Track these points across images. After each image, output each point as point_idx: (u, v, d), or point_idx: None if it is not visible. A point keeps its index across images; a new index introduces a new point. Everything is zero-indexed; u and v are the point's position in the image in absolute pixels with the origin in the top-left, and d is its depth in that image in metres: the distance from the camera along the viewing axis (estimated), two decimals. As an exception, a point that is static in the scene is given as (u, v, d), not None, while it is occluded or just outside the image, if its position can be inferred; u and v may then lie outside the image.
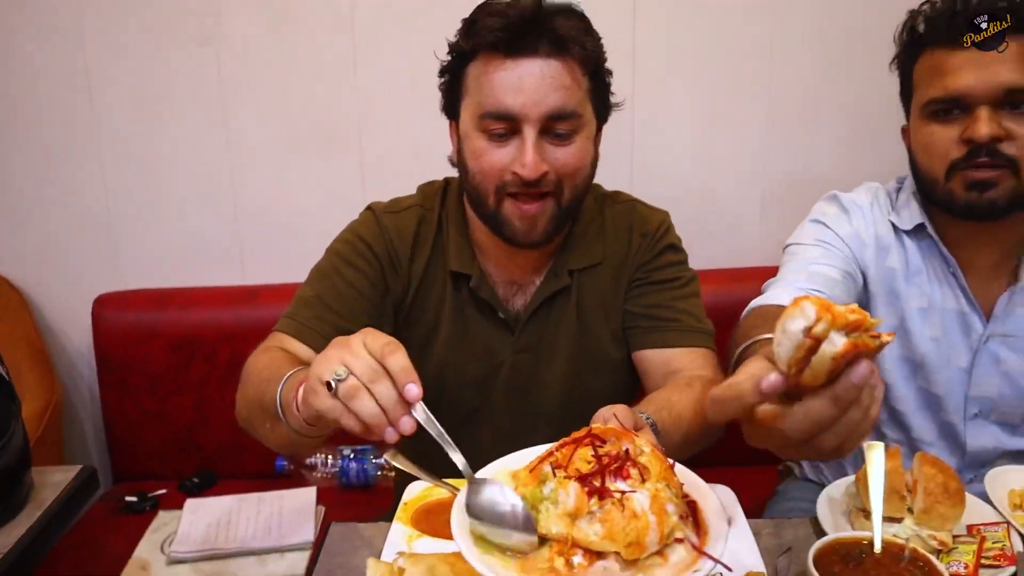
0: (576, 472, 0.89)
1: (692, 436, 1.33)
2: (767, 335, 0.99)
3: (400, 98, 2.10)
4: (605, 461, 0.89)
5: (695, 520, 0.92)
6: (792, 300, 0.77)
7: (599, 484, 0.87)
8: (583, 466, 0.89)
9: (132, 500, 2.06)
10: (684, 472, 0.99)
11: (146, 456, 2.23)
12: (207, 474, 2.19)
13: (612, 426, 0.99)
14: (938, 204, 1.47)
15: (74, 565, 1.86)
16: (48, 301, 2.32)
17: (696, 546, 0.86)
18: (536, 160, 1.35)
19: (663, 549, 0.86)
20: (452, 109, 1.47)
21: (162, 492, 2.12)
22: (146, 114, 2.16)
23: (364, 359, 0.98)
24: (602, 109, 1.48)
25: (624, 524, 0.83)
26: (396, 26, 2.06)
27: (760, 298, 1.46)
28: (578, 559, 0.85)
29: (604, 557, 0.85)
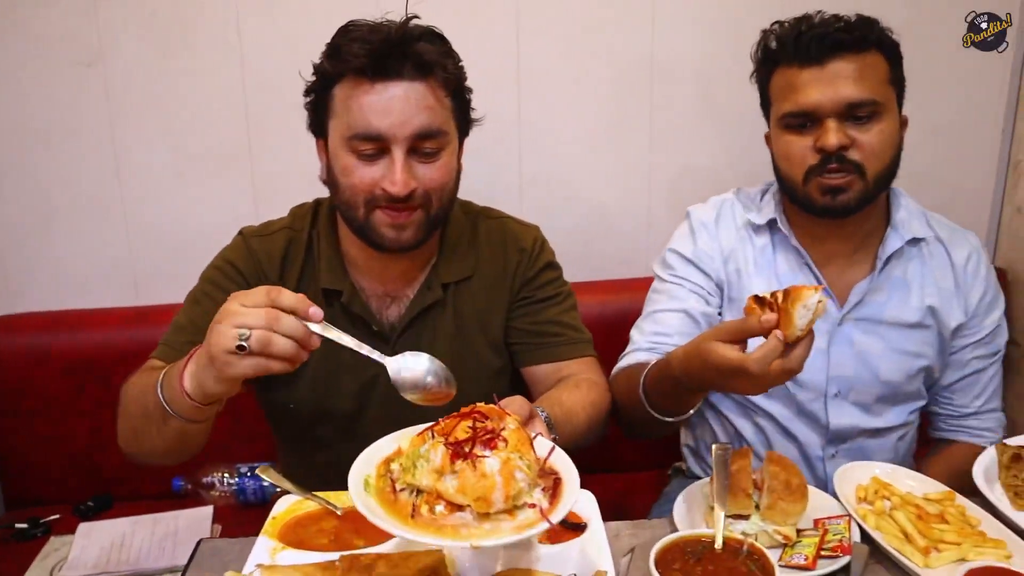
0: (454, 439, 1.03)
1: (580, 429, 1.50)
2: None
3: (289, 119, 2.11)
4: (480, 432, 1.04)
5: (555, 494, 1.05)
6: (801, 285, 1.19)
7: (468, 449, 1.01)
8: (462, 434, 1.04)
9: (22, 527, 2.03)
10: (560, 456, 1.11)
11: (41, 481, 2.19)
12: (104, 497, 2.17)
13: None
14: (799, 204, 1.65)
15: (-42, 598, 1.83)
16: (-63, 326, 2.26)
17: (543, 511, 1.00)
18: (405, 178, 1.43)
19: (513, 509, 1.00)
20: (319, 127, 1.53)
21: (55, 517, 2.09)
22: (32, 136, 2.13)
23: (255, 312, 1.11)
24: (464, 125, 1.57)
25: (474, 482, 0.98)
26: (283, 48, 2.08)
27: (627, 359, 1.71)
28: (440, 508, 1.01)
29: (462, 510, 1.00)
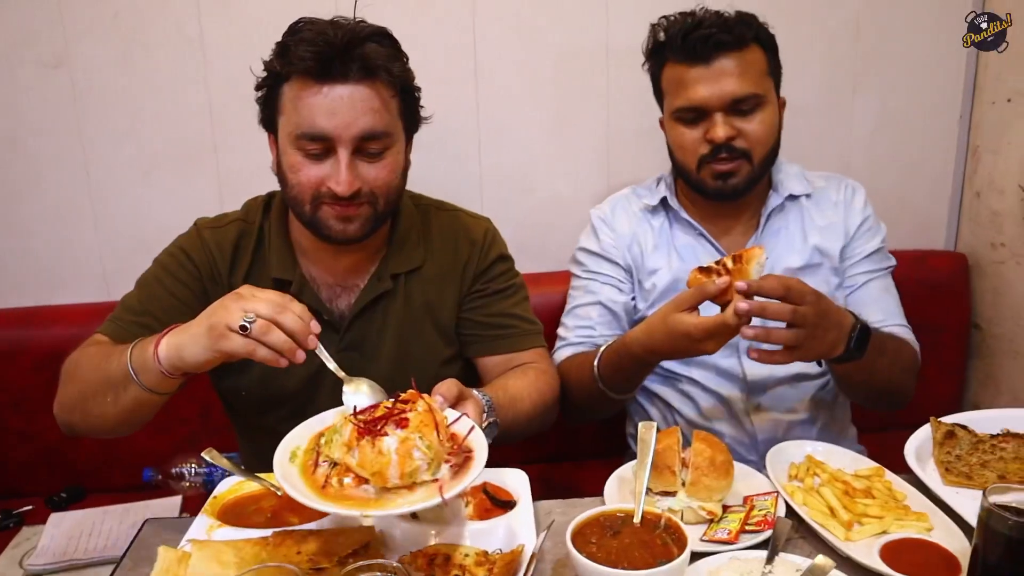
0: (371, 417, 1.14)
1: (525, 413, 1.56)
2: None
3: (252, 115, 2.14)
4: (393, 411, 1.14)
5: (462, 471, 1.12)
6: (750, 247, 1.43)
7: (379, 427, 1.10)
8: (380, 412, 1.14)
9: (-6, 519, 2.07)
10: (478, 437, 1.19)
11: (15, 474, 2.24)
12: (76, 489, 2.21)
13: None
14: (693, 188, 1.79)
15: (-71, 587, 1.87)
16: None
17: (440, 486, 1.08)
18: (350, 178, 1.46)
19: (414, 485, 1.09)
20: (270, 123, 1.56)
21: (27, 508, 2.13)
22: (1, 137, 2.17)
23: (268, 302, 1.22)
24: (412, 124, 1.60)
25: (372, 458, 1.08)
26: (244, 45, 2.10)
27: (559, 353, 1.86)
28: (348, 480, 1.10)
29: (368, 483, 1.09)
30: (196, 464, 2.18)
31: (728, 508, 1.34)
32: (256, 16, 2.13)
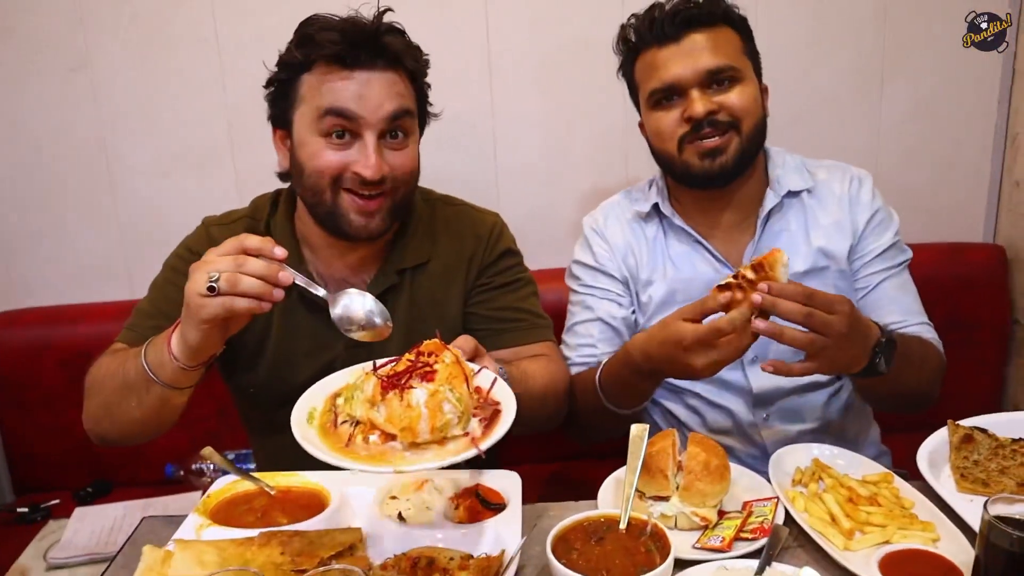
0: (392, 371, 1.09)
1: (536, 393, 1.52)
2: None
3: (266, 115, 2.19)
4: (417, 364, 1.09)
5: (492, 424, 1.08)
6: (769, 251, 1.31)
7: (404, 381, 1.05)
8: (402, 366, 1.09)
9: (24, 511, 2.13)
10: (502, 388, 1.16)
11: (45, 469, 2.30)
12: (102, 483, 2.26)
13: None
14: (679, 179, 1.69)
15: (-40, 576, 1.93)
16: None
17: (474, 439, 1.04)
18: (379, 162, 1.46)
19: (443, 440, 1.05)
20: (282, 118, 1.55)
21: (55, 502, 2.19)
22: (25, 140, 2.23)
23: (223, 258, 1.20)
24: (423, 118, 1.61)
25: (401, 412, 1.03)
26: (259, 46, 2.10)
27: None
28: (374, 438, 1.05)
29: (395, 439, 1.04)
30: (214, 460, 2.22)
31: (725, 514, 1.29)
32: (272, 18, 2.13)
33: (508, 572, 1.10)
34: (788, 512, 1.27)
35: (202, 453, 1.44)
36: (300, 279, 1.24)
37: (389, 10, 1.51)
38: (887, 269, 1.70)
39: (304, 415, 1.14)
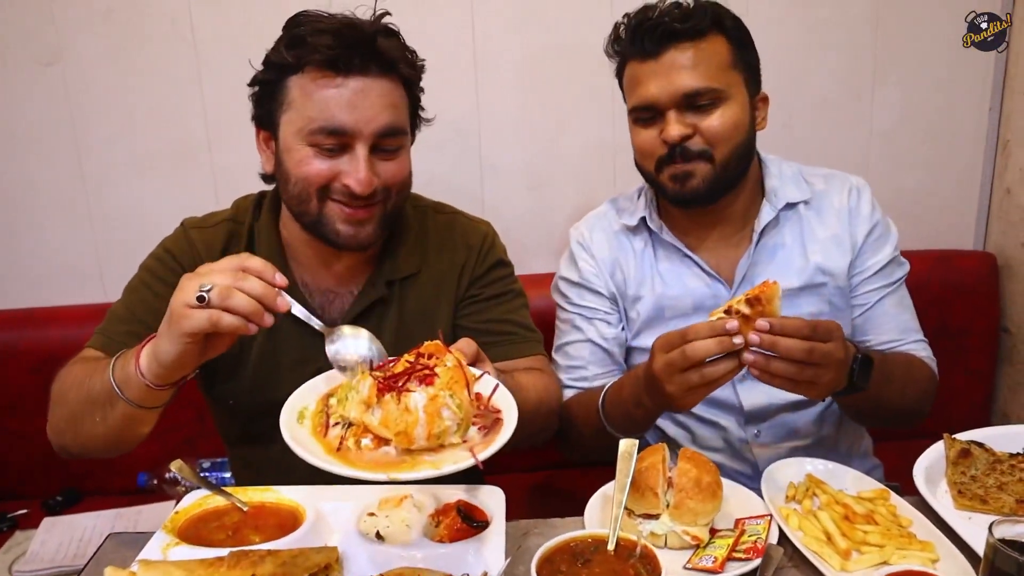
0: (390, 372, 1.03)
1: (530, 405, 1.44)
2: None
3: (247, 112, 2.12)
4: (417, 366, 1.04)
5: (493, 432, 1.04)
6: (763, 284, 1.24)
7: (401, 383, 1.01)
8: (400, 367, 1.04)
9: (-12, 521, 2.06)
10: (504, 395, 1.12)
11: (10, 477, 2.23)
12: (71, 492, 2.20)
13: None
14: (660, 194, 1.64)
15: (-82, 590, 1.86)
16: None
17: (472, 448, 1.00)
18: (369, 176, 1.40)
19: (440, 448, 1.00)
20: (268, 120, 1.48)
21: (23, 512, 2.12)
22: (-5, 135, 2.16)
23: (223, 269, 1.12)
24: (415, 123, 1.54)
25: (397, 416, 0.98)
26: (237, 41, 2.07)
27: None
28: (366, 442, 1.01)
29: (389, 444, 0.99)
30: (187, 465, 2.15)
31: (717, 532, 1.25)
32: (249, 13, 2.08)
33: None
34: (782, 530, 1.23)
35: (172, 466, 1.38)
36: (299, 310, 1.18)
37: (387, 13, 1.44)
38: (886, 286, 1.66)
39: (294, 415, 1.09)
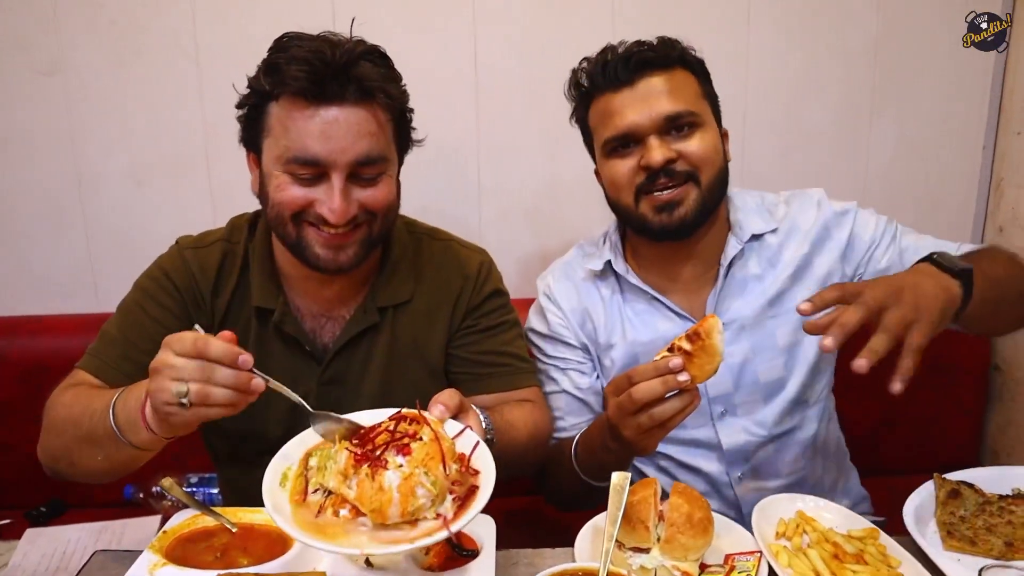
0: (369, 441, 1.05)
1: (520, 441, 1.48)
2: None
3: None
4: (396, 436, 1.05)
5: (468, 499, 1.04)
6: (703, 319, 1.24)
7: (377, 455, 1.02)
8: (383, 437, 1.05)
9: (-31, 531, 2.04)
10: (483, 454, 1.11)
11: (-4, 486, 2.21)
12: (56, 503, 2.18)
13: (431, 411, 1.15)
14: (637, 231, 1.61)
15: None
16: None
17: (445, 520, 1.00)
18: (344, 206, 1.38)
19: (416, 521, 1.01)
20: (252, 142, 1.48)
21: (6, 522, 2.09)
22: (-8, 142, 2.15)
23: (190, 367, 1.11)
24: (404, 146, 1.52)
25: (371, 494, 1.00)
26: (239, 55, 2.05)
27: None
28: (344, 512, 1.02)
29: (364, 515, 1.01)
30: (177, 483, 2.13)
31: (707, 567, 1.24)
32: (251, 25, 2.09)
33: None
34: (771, 567, 1.22)
35: (162, 483, 1.37)
36: (273, 384, 1.16)
37: (361, 41, 1.41)
38: (891, 238, 1.62)
39: (278, 477, 1.10)
